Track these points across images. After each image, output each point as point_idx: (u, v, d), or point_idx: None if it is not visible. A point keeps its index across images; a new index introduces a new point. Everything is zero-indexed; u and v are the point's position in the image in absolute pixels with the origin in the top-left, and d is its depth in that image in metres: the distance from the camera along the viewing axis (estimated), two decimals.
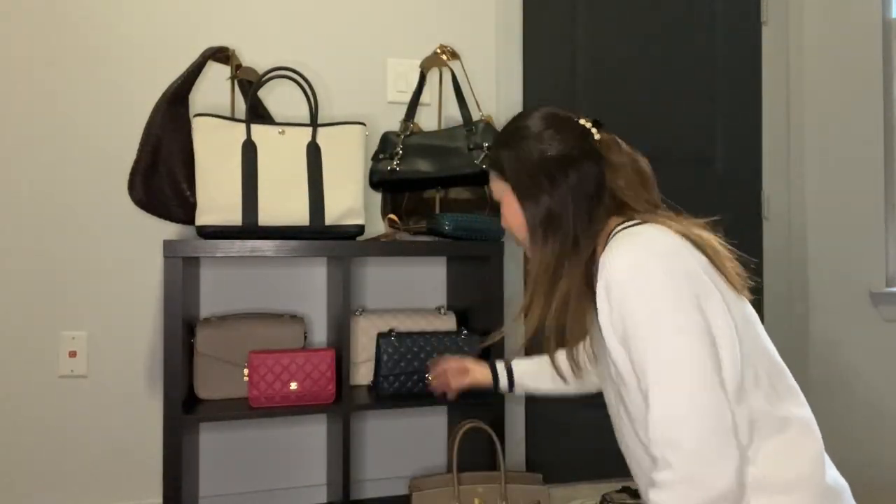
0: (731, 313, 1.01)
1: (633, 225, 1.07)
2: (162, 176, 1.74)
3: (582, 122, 1.16)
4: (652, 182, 1.19)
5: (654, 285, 0.96)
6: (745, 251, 2.49)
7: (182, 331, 1.54)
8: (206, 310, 1.92)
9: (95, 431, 1.85)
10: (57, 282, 1.83)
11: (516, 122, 1.20)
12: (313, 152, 1.67)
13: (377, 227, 1.99)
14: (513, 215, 1.18)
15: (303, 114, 1.92)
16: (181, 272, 1.53)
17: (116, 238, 1.87)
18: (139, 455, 1.87)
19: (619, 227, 1.09)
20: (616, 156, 1.15)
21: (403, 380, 1.67)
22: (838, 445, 2.41)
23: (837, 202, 2.43)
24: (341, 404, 1.64)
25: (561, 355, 1.22)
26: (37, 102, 1.83)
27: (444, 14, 2.13)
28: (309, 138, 1.67)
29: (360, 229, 1.70)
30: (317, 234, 1.65)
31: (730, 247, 1.12)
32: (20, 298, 1.81)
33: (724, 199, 2.47)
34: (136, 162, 1.77)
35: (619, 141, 1.18)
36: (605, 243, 1.09)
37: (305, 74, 1.74)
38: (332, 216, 1.66)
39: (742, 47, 2.50)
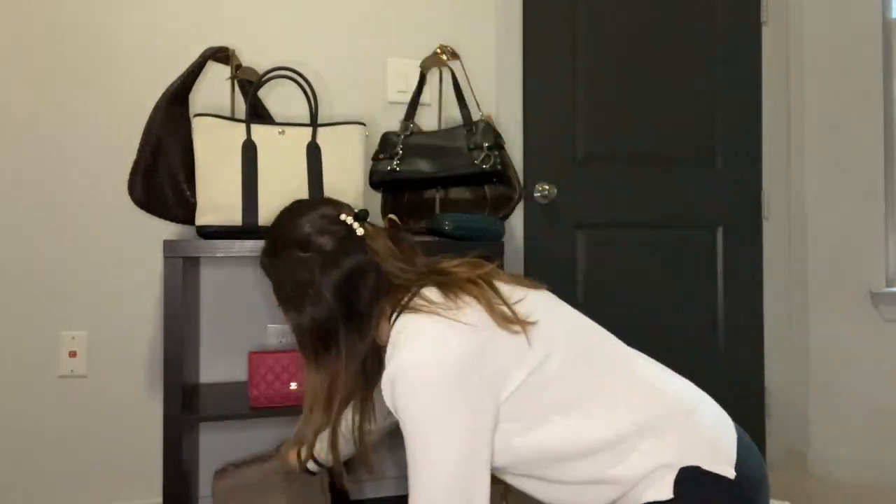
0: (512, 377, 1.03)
1: (409, 312, 1.07)
2: (162, 176, 1.74)
3: (343, 217, 1.15)
4: (417, 250, 1.20)
5: (426, 398, 0.99)
6: (745, 251, 2.51)
7: (182, 330, 1.54)
8: (206, 310, 1.91)
9: (95, 431, 1.85)
10: (57, 282, 1.83)
11: (278, 229, 1.19)
12: (313, 152, 1.67)
13: None
14: (283, 317, 1.17)
15: (303, 114, 1.92)
16: (181, 272, 1.53)
17: (116, 238, 1.87)
18: (139, 455, 1.87)
19: (396, 315, 1.09)
20: (380, 244, 1.15)
21: None
22: (838, 445, 2.41)
23: (837, 202, 2.43)
24: None
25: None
26: (36, 102, 1.83)
27: (444, 14, 2.13)
28: (309, 138, 1.67)
29: None
30: None
31: (501, 280, 1.15)
32: (20, 298, 1.81)
33: (724, 199, 2.47)
34: (136, 162, 1.77)
35: (381, 227, 1.21)
36: (389, 327, 1.09)
37: (305, 74, 1.74)
38: None
39: (742, 47, 2.50)
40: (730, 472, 1.01)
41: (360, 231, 1.15)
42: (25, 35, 1.82)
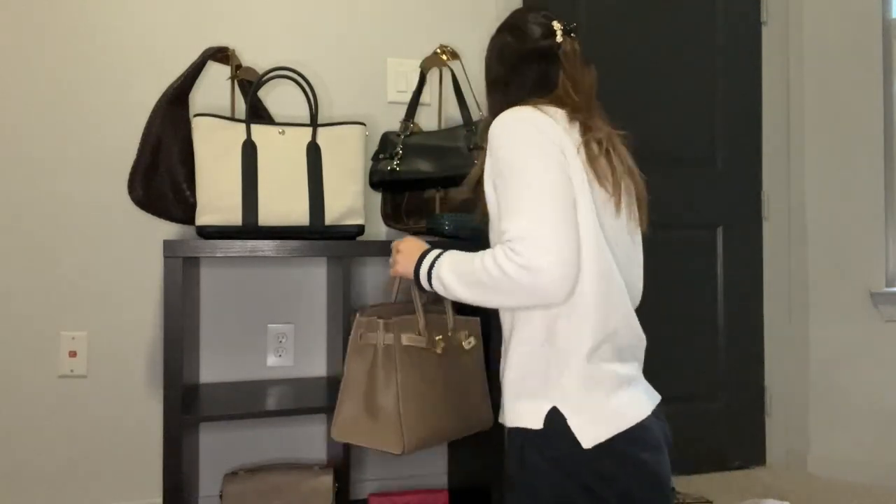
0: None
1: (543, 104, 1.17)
2: (162, 176, 1.75)
3: (554, 24, 1.25)
4: (594, 101, 1.25)
5: (521, 137, 1.08)
6: (745, 251, 2.51)
7: (182, 331, 1.54)
8: (206, 310, 1.91)
9: (95, 431, 1.85)
10: (57, 282, 1.83)
11: (510, 14, 1.31)
12: (313, 152, 1.67)
13: (377, 227, 1.99)
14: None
15: (303, 114, 1.92)
16: (181, 272, 1.53)
17: (116, 238, 1.87)
18: (139, 455, 1.87)
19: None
20: (571, 67, 1.23)
21: None
22: (838, 445, 2.41)
23: (837, 202, 2.43)
24: None
25: None
26: (37, 102, 1.83)
27: (444, 14, 2.13)
28: (309, 138, 1.67)
29: (360, 229, 1.70)
30: (317, 234, 1.65)
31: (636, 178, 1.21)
32: (20, 298, 1.81)
33: (724, 199, 2.47)
34: (137, 162, 1.77)
35: (581, 55, 1.26)
36: None
37: (305, 74, 1.74)
38: (332, 216, 1.66)
39: (742, 47, 2.50)
40: (586, 441, 1.04)
41: (559, 39, 1.23)
42: (25, 35, 1.82)
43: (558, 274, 1.00)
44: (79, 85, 1.85)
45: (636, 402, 1.11)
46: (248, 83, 1.81)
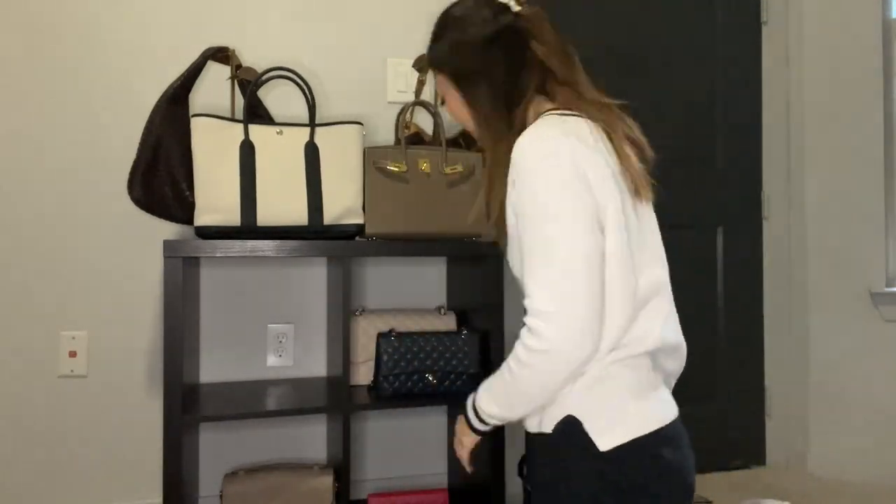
0: (625, 216, 1.10)
1: (556, 113, 1.10)
2: (162, 176, 1.74)
3: None
4: (577, 66, 1.19)
5: (541, 168, 1.01)
6: (746, 251, 2.51)
7: (182, 330, 1.54)
8: (206, 310, 1.92)
9: (95, 431, 1.85)
10: (57, 282, 1.83)
11: (443, 14, 1.21)
12: (311, 152, 1.67)
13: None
14: (458, 107, 1.20)
15: (304, 114, 1.92)
16: (181, 272, 1.53)
17: (116, 238, 1.87)
18: (139, 455, 1.87)
19: (546, 113, 1.11)
20: (541, 30, 1.15)
21: (403, 380, 1.67)
22: (838, 445, 2.41)
23: (837, 202, 2.43)
24: (341, 404, 1.64)
25: None
26: (37, 102, 1.83)
27: None
28: (307, 138, 1.68)
29: (359, 229, 1.70)
30: (315, 233, 1.65)
31: (641, 146, 1.23)
32: (20, 298, 1.81)
33: (724, 199, 2.47)
34: (136, 162, 1.77)
35: (545, 18, 1.19)
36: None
37: (305, 74, 1.74)
38: (330, 216, 1.66)
39: (742, 47, 2.50)
40: (602, 444, 1.00)
41: (515, 7, 1.15)
42: (25, 35, 1.82)
43: (584, 356, 0.98)
44: (78, 84, 1.86)
45: (662, 405, 1.07)
46: (248, 83, 1.81)
